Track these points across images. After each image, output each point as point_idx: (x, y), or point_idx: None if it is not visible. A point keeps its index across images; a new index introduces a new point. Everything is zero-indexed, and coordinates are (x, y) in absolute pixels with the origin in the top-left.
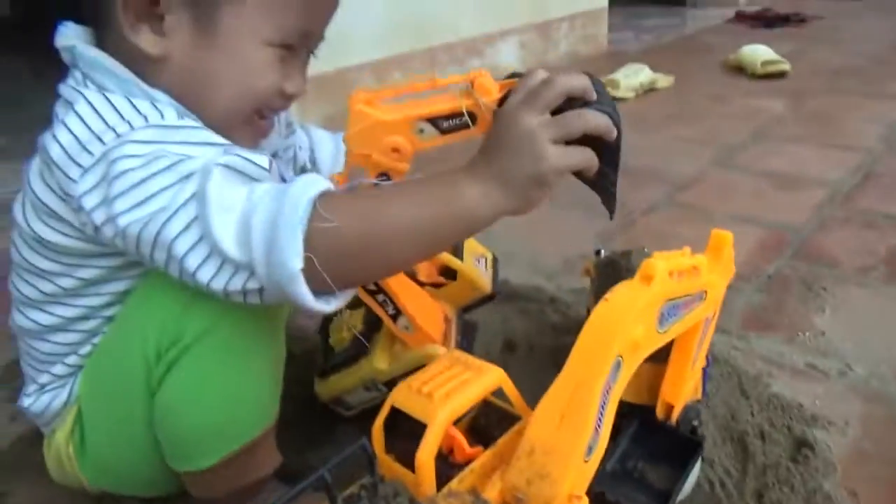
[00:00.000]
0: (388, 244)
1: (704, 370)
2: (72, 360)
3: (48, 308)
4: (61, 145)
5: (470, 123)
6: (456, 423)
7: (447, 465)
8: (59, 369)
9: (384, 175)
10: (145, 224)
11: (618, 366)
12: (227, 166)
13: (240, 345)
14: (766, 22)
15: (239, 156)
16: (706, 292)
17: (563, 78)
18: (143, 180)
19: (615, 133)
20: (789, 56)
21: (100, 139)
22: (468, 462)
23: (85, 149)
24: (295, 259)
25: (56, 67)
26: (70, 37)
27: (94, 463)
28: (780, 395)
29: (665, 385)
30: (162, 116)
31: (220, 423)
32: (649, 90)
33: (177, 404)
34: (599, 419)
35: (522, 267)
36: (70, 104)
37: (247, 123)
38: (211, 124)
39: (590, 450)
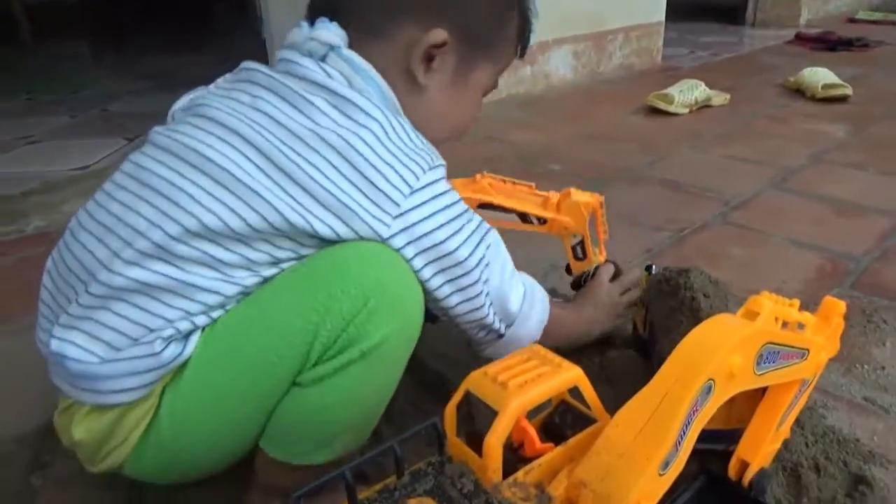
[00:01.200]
0: (556, 338)
1: None
2: (217, 313)
3: (239, 248)
4: (377, 152)
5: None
6: (530, 419)
7: (516, 458)
8: (201, 320)
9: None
10: (466, 246)
11: (708, 389)
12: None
13: (403, 356)
14: (828, 45)
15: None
16: (808, 352)
17: (628, 277)
18: (459, 216)
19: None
20: (851, 81)
21: (419, 164)
22: (537, 457)
23: (408, 167)
24: (539, 331)
25: (114, 51)
26: (334, 35)
27: (170, 437)
28: (836, 428)
29: (744, 441)
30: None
31: (359, 426)
32: (703, 107)
33: (336, 403)
34: (681, 437)
35: (570, 278)
36: (359, 108)
37: None
38: None
39: (666, 464)
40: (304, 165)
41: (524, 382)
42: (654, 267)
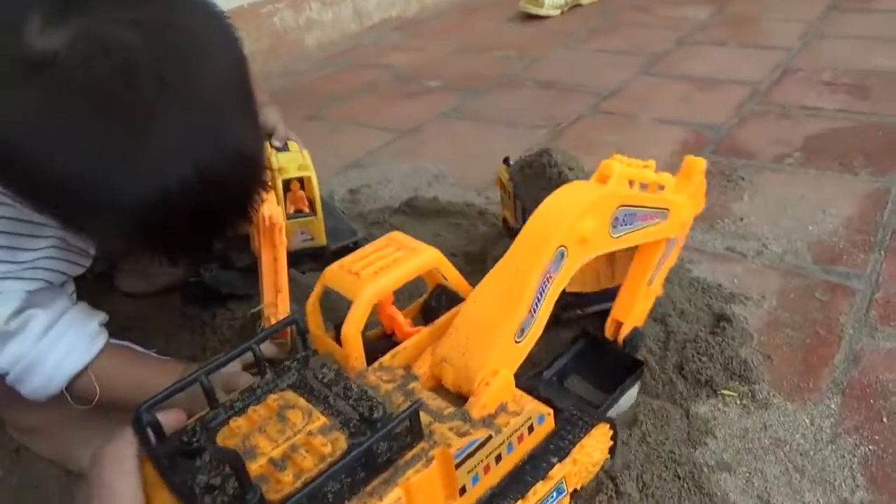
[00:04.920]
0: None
1: None
2: None
3: None
4: None
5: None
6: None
7: (392, 346)
8: None
9: None
10: None
11: (561, 255)
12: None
13: None
14: None
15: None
16: (669, 211)
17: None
18: None
19: None
20: None
21: None
22: None
23: None
24: (41, 397)
25: None
26: None
27: None
28: (701, 278)
29: (617, 303)
30: None
31: None
32: (574, 6)
33: None
34: (536, 304)
35: (453, 185)
36: None
37: None
38: None
39: (522, 331)
40: None
41: (378, 270)
42: (510, 158)
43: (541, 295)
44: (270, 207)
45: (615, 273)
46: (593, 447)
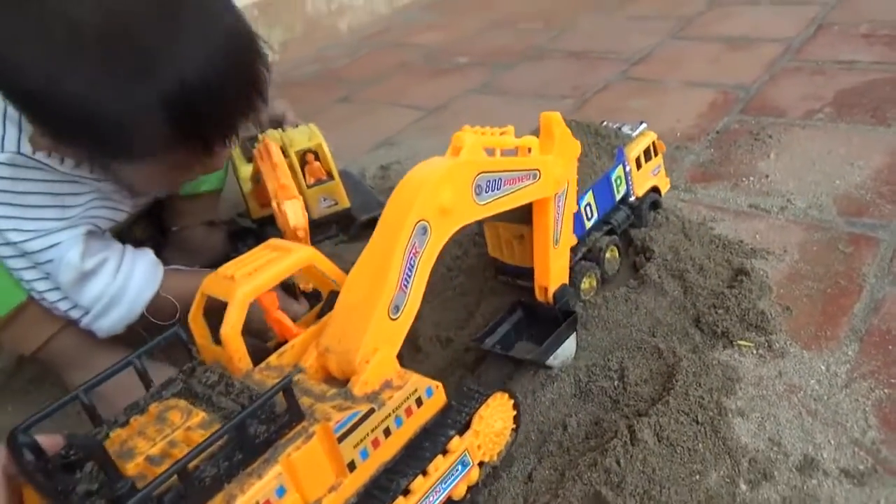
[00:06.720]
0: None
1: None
2: None
3: None
4: None
5: None
6: (299, 315)
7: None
8: None
9: None
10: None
11: (424, 230)
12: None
13: None
14: None
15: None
16: (539, 171)
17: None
18: (27, 206)
19: None
20: None
21: None
22: None
23: None
24: (122, 325)
25: None
26: None
27: None
28: (722, 235)
29: (536, 270)
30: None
31: None
32: None
33: None
34: (406, 280)
35: None
36: None
37: None
38: None
39: (397, 308)
40: None
41: (252, 271)
42: None
43: (410, 270)
44: (296, 218)
45: (525, 253)
46: (494, 417)
